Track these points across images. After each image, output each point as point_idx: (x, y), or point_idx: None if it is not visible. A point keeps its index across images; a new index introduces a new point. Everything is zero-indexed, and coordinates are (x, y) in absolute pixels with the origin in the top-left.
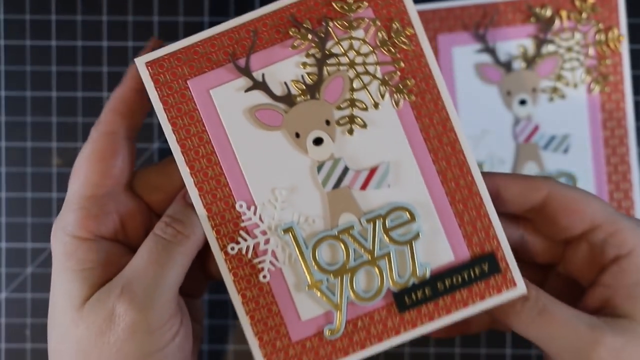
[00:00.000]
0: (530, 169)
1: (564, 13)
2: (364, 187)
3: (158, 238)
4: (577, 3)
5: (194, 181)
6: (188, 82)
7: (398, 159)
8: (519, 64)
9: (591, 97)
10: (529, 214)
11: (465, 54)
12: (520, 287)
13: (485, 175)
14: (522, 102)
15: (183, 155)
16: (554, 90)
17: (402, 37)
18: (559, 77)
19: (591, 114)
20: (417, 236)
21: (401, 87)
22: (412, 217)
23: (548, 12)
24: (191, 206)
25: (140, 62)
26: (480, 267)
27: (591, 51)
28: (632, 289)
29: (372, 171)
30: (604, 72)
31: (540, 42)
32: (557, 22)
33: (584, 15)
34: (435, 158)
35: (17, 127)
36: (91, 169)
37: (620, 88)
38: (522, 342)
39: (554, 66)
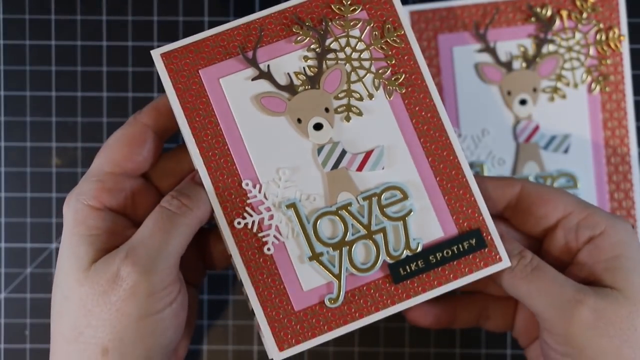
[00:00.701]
0: (530, 169)
1: (564, 13)
2: (360, 168)
3: (164, 209)
4: (578, 3)
5: (204, 160)
6: (199, 71)
7: (391, 144)
8: (519, 64)
9: (592, 97)
10: (506, 213)
11: (465, 54)
12: (505, 261)
13: None
14: (523, 102)
15: (194, 137)
16: (555, 90)
17: (393, 37)
18: (560, 77)
19: (592, 113)
20: (409, 213)
21: (393, 80)
22: (405, 196)
23: (548, 12)
24: (198, 184)
25: (156, 53)
26: (468, 242)
27: (592, 51)
28: (609, 263)
29: (368, 154)
30: (604, 72)
31: (540, 42)
32: (557, 22)
33: (585, 14)
34: (424, 143)
35: (17, 127)
36: (117, 150)
37: (621, 88)
38: None
39: (555, 66)
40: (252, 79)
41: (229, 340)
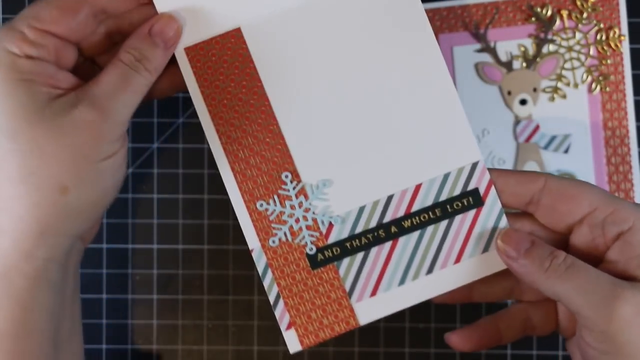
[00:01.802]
0: (530, 168)
1: (564, 12)
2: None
3: (127, 68)
4: (578, 2)
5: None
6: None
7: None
8: (519, 64)
9: (592, 97)
10: (530, 208)
11: (465, 54)
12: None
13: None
14: (523, 102)
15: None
16: (555, 90)
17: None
18: (560, 77)
19: (592, 113)
20: None
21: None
22: None
23: (549, 12)
24: (157, 46)
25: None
26: None
27: (592, 51)
28: None
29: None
30: (604, 71)
31: (541, 42)
32: (557, 22)
33: (585, 14)
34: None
35: None
36: (47, 10)
37: (621, 88)
38: (523, 343)
39: (555, 66)
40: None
41: (229, 340)
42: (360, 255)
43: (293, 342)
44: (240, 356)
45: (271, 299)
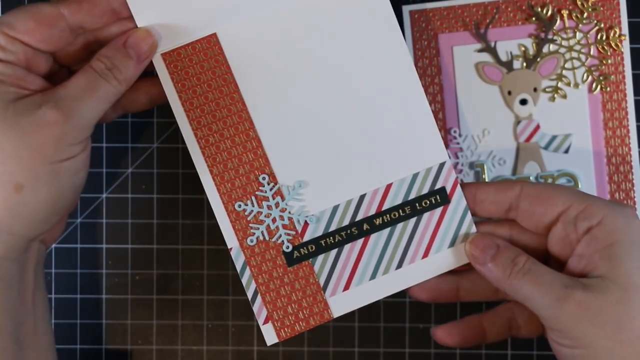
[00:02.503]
0: (531, 169)
1: (565, 12)
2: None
3: (96, 75)
4: (579, 2)
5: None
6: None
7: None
8: (519, 64)
9: (592, 97)
10: (510, 214)
11: (465, 53)
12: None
13: (464, 185)
14: (523, 102)
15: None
16: (555, 89)
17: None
18: (560, 77)
19: (592, 113)
20: None
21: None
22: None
23: (549, 12)
24: (130, 58)
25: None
26: None
27: (592, 51)
28: (604, 251)
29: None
30: (605, 71)
31: (541, 42)
32: (558, 21)
33: (585, 14)
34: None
35: None
36: (23, 21)
37: (622, 88)
38: (523, 344)
39: (555, 66)
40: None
41: (229, 340)
42: (334, 252)
43: (270, 335)
44: (240, 356)
45: (249, 294)
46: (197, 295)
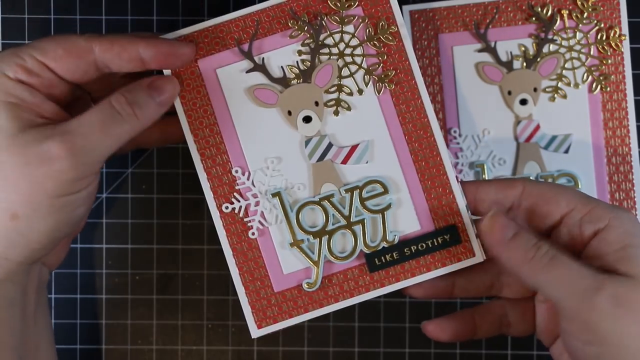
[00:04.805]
0: (531, 169)
1: (565, 12)
2: (344, 161)
3: (114, 110)
4: (579, 2)
5: (197, 147)
6: (198, 61)
7: (376, 139)
8: (519, 64)
9: (592, 97)
10: (512, 213)
11: (465, 53)
12: (478, 256)
13: (464, 183)
14: (523, 102)
15: (189, 124)
16: (555, 89)
17: (386, 34)
18: (560, 77)
19: (593, 113)
20: (388, 206)
21: (383, 77)
22: (385, 190)
23: (549, 11)
24: (152, 97)
25: None
26: (443, 237)
27: (593, 50)
28: (619, 253)
29: (353, 148)
30: (605, 71)
31: (541, 42)
32: (558, 21)
33: (585, 14)
34: (408, 140)
35: None
36: (53, 47)
37: (622, 88)
38: (522, 344)
39: (555, 65)
40: (247, 72)
41: (229, 340)
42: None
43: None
44: (240, 356)
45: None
46: (197, 295)
